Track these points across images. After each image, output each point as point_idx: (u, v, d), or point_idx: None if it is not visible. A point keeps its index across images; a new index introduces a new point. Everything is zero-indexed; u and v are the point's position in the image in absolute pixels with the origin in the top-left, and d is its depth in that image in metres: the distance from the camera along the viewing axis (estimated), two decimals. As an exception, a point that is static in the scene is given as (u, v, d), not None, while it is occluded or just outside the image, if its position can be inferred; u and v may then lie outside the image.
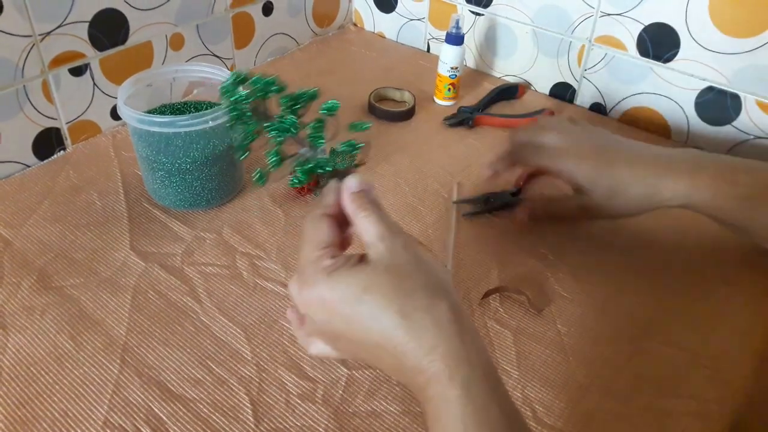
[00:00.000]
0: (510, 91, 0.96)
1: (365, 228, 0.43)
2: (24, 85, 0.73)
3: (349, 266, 0.41)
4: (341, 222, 0.45)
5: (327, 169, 0.48)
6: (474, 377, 0.38)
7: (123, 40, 0.80)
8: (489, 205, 0.73)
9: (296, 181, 0.49)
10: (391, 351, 0.39)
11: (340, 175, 0.47)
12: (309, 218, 0.44)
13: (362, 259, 0.42)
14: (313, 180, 0.73)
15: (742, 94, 0.80)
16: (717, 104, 0.83)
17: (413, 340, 0.38)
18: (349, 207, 0.44)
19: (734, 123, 0.82)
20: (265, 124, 0.48)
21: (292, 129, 0.48)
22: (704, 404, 0.53)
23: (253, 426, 0.50)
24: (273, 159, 0.48)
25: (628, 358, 0.57)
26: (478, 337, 0.40)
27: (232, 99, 0.48)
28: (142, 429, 0.50)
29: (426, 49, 1.10)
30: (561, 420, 0.52)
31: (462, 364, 0.38)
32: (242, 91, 0.48)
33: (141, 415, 0.51)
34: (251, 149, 0.49)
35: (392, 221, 0.44)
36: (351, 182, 0.45)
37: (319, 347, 0.46)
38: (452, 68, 0.91)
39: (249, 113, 0.48)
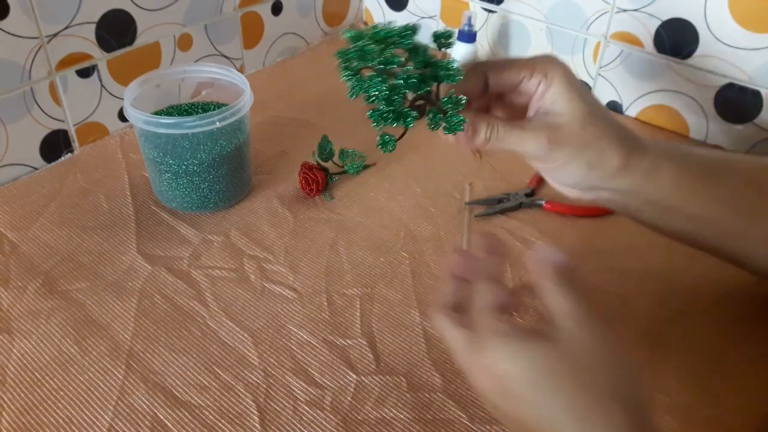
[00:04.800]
0: (523, 90, 0.94)
1: (556, 301, 0.38)
2: (31, 87, 0.72)
3: (524, 337, 0.37)
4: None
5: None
6: None
7: (131, 41, 0.80)
8: (502, 206, 0.71)
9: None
10: None
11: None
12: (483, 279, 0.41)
13: (536, 332, 0.38)
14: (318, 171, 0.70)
15: (763, 91, 0.78)
16: (737, 101, 0.80)
17: None
18: (537, 273, 0.40)
19: (755, 120, 0.80)
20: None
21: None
22: (726, 410, 0.51)
23: (259, 434, 0.49)
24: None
25: (648, 360, 0.55)
26: None
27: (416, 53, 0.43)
28: (147, 436, 0.49)
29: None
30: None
31: None
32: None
33: (146, 421, 0.50)
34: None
35: (585, 303, 0.39)
36: (547, 253, 0.41)
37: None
38: (464, 66, 0.89)
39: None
